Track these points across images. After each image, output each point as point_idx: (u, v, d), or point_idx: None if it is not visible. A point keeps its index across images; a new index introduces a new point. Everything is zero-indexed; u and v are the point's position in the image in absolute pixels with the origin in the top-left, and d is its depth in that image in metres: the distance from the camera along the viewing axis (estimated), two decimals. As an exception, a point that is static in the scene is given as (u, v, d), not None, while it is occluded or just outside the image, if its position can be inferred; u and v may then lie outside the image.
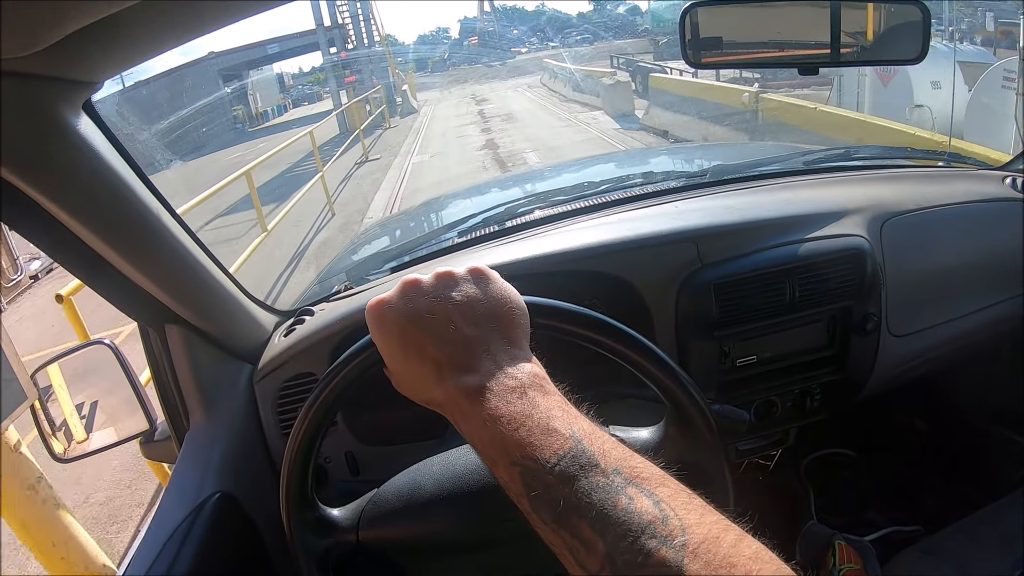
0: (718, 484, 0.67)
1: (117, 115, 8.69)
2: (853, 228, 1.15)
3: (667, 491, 0.40)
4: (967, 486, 1.50)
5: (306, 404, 0.63)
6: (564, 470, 0.41)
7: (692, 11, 1.05)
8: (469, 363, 0.49)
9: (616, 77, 13.34)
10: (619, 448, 0.44)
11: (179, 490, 0.94)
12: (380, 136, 16.75)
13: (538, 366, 0.50)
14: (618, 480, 0.40)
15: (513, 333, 0.52)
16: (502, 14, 54.27)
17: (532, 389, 0.47)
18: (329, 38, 24.55)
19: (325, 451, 1.07)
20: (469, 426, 0.47)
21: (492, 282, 0.54)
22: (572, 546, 0.40)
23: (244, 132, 25.27)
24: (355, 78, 22.92)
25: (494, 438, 0.44)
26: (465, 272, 0.54)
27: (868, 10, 1.12)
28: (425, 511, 0.68)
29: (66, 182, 0.69)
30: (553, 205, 1.32)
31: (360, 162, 12.54)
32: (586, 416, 0.47)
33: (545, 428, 0.43)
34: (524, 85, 25.22)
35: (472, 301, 0.52)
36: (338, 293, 1.19)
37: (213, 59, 24.55)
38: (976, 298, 1.26)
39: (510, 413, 0.45)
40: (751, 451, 1.30)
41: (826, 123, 5.88)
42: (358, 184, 10.56)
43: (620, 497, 0.39)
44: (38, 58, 0.52)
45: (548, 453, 0.42)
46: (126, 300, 0.88)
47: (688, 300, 1.07)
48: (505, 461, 0.43)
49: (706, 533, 0.37)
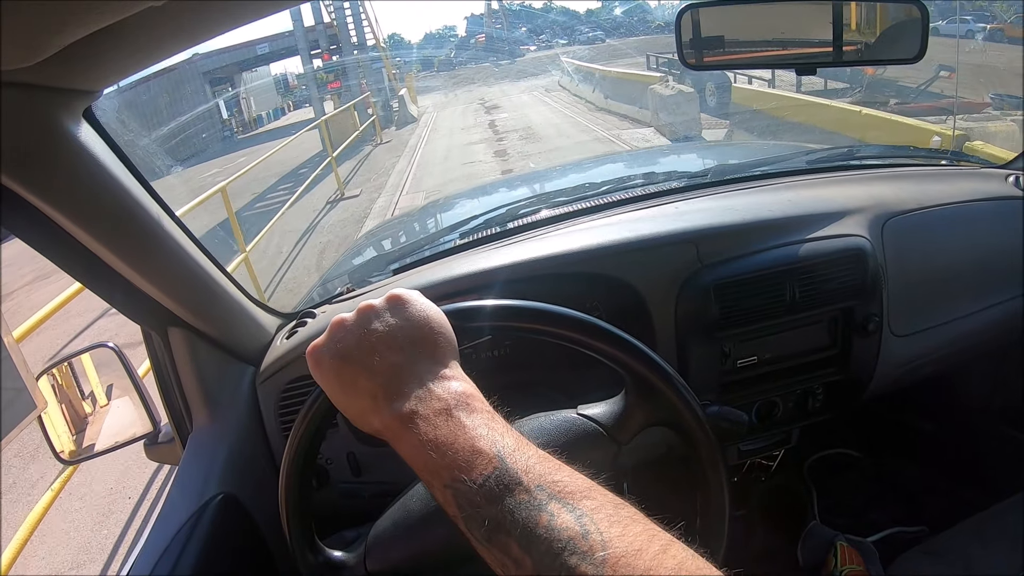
0: (707, 463, 0.70)
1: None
2: (854, 228, 1.14)
3: (591, 504, 0.41)
4: (971, 487, 1.49)
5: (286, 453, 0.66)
6: (490, 490, 0.42)
7: (691, 11, 1.04)
8: (399, 389, 0.50)
9: (676, 85, 10.24)
10: (544, 462, 0.44)
11: (182, 491, 0.94)
12: (369, 155, 13.47)
13: (465, 383, 0.51)
14: (541, 496, 0.41)
15: (437, 353, 0.53)
16: (509, 13, 54.04)
17: (458, 409, 0.48)
18: (312, 39, 21.10)
19: (326, 452, 1.07)
20: (406, 451, 0.48)
21: (410, 305, 0.56)
22: (503, 563, 0.41)
23: (232, 140, 23.39)
24: (340, 83, 20.23)
25: (427, 463, 0.46)
26: (384, 302, 0.56)
27: (868, 9, 1.12)
28: (418, 533, 0.69)
29: (68, 189, 0.70)
30: (554, 206, 1.32)
31: (333, 201, 9.36)
32: (514, 431, 0.48)
33: (471, 449, 0.45)
34: (540, 88, 21.91)
35: (394, 329, 0.54)
36: (340, 295, 1.20)
37: (199, 60, 22.87)
38: (979, 298, 1.25)
39: (438, 437, 0.46)
40: (753, 452, 1.30)
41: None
42: (320, 244, 7.31)
43: (543, 514, 0.40)
44: (39, 68, 0.52)
45: (475, 474, 0.43)
46: (129, 304, 0.89)
47: (688, 301, 1.07)
48: (439, 484, 0.45)
49: (627, 546, 0.38)
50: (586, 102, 15.62)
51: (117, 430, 1.10)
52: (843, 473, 1.67)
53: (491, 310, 0.65)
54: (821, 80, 9.95)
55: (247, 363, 1.08)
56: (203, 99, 23.14)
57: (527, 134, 12.63)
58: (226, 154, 17.32)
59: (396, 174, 10.73)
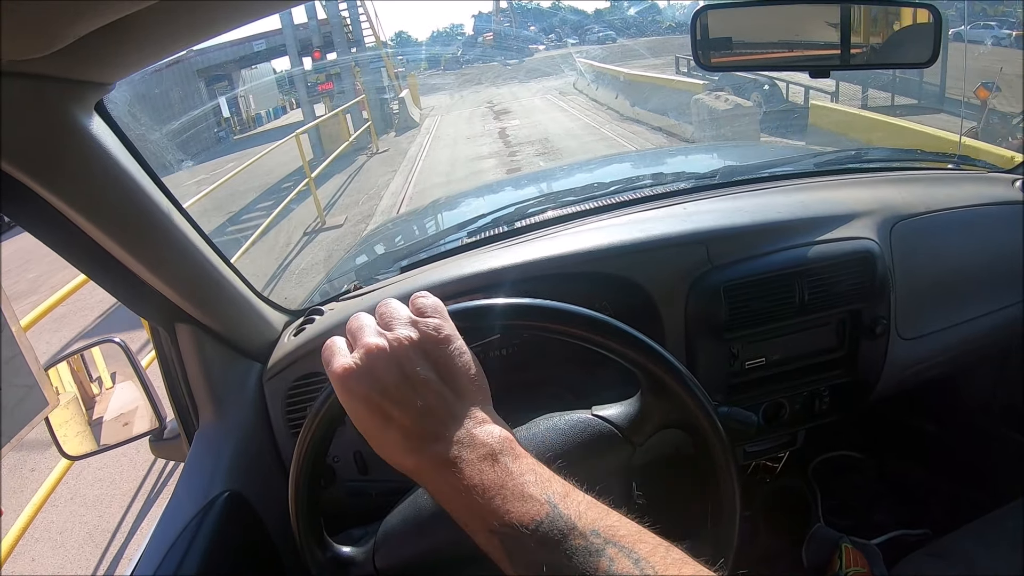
0: (720, 467, 0.70)
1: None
2: (863, 231, 1.14)
3: (645, 548, 0.41)
4: (975, 489, 1.50)
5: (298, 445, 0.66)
6: (544, 535, 0.42)
7: (704, 13, 1.05)
8: (437, 431, 0.48)
9: (732, 98, 8.63)
10: (595, 507, 0.44)
11: (188, 489, 0.94)
12: (361, 168, 11.85)
13: (505, 428, 0.50)
14: (597, 541, 0.41)
15: (476, 395, 0.52)
16: (518, 11, 53.71)
17: (503, 455, 0.47)
18: (304, 37, 18.90)
19: (333, 450, 1.07)
20: (442, 495, 0.47)
21: (452, 344, 0.53)
22: None
23: (227, 142, 21.98)
24: (332, 85, 17.83)
25: (470, 507, 0.45)
26: (425, 338, 0.53)
27: (879, 12, 1.12)
28: (429, 530, 0.69)
29: (78, 182, 0.69)
30: (563, 206, 1.32)
31: (311, 232, 7.94)
32: (559, 477, 0.47)
33: (520, 495, 0.44)
34: (553, 91, 19.99)
35: (435, 368, 0.52)
36: (347, 293, 1.20)
37: (192, 57, 21.30)
38: (985, 301, 1.26)
39: (484, 482, 0.45)
40: (759, 453, 1.30)
41: None
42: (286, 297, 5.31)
43: (601, 559, 0.40)
44: (53, 59, 0.52)
45: (526, 520, 0.43)
46: (137, 299, 0.88)
47: (697, 302, 1.07)
48: (483, 529, 0.44)
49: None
50: (608, 109, 13.89)
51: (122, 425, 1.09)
52: (847, 475, 1.67)
53: (512, 308, 0.65)
54: (887, 95, 8.89)
55: (254, 360, 1.08)
56: (197, 97, 22.09)
57: (545, 148, 10.88)
58: (218, 157, 15.63)
59: (389, 196, 9.18)
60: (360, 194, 9.67)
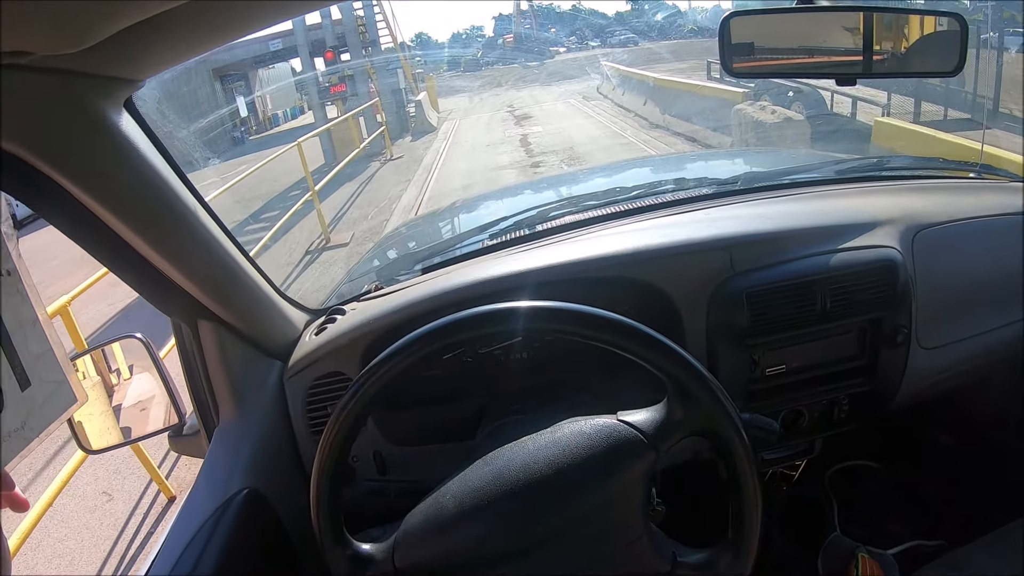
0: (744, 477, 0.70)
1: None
2: (885, 239, 1.14)
3: None
4: (991, 501, 1.48)
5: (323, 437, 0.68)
6: None
7: (736, 17, 1.05)
8: None
9: (781, 110, 7.90)
10: None
11: (207, 485, 0.94)
12: (374, 175, 11.06)
13: None
14: None
15: None
16: (539, 12, 53.47)
17: None
18: (317, 39, 18.30)
19: (353, 450, 1.07)
20: None
21: None
22: None
23: (242, 143, 21.60)
24: (345, 87, 17.06)
25: None
26: None
27: (904, 20, 1.11)
28: (451, 530, 0.69)
29: (106, 177, 0.70)
30: (585, 210, 1.31)
31: (313, 251, 7.31)
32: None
33: None
34: (576, 95, 19.08)
35: None
36: (368, 293, 1.20)
37: (209, 56, 21.05)
38: (1005, 312, 1.25)
39: None
40: (776, 461, 1.30)
41: None
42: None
43: None
44: (85, 55, 0.52)
45: None
46: (161, 295, 0.89)
47: (720, 308, 1.07)
48: None
49: None
50: (636, 116, 12.92)
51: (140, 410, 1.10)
52: (864, 484, 1.66)
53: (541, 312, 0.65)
54: (940, 108, 8.01)
55: (275, 358, 1.08)
56: (212, 97, 21.68)
57: (570, 157, 10.03)
58: (233, 159, 15.05)
59: (401, 211, 8.41)
60: (370, 207, 9.06)
